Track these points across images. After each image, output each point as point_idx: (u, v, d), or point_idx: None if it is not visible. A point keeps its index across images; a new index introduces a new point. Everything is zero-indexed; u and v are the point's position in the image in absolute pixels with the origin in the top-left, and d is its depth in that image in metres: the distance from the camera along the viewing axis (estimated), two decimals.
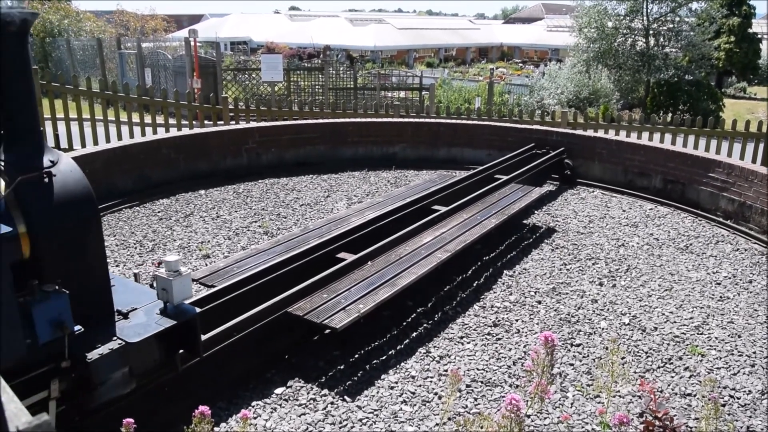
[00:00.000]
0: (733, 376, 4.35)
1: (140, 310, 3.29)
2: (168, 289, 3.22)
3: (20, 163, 2.84)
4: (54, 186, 2.88)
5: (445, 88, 22.93)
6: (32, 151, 2.93)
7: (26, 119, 2.91)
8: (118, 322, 3.16)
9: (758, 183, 7.16)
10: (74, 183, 2.98)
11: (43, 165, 2.90)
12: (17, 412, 0.73)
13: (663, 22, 22.02)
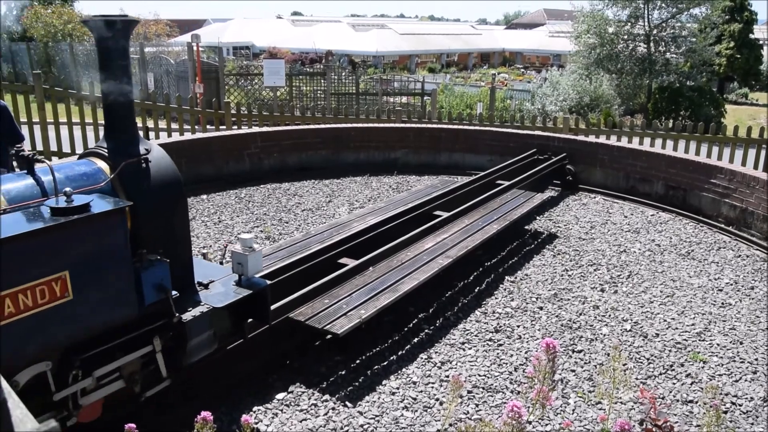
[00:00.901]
0: (735, 383, 4.35)
1: (217, 282, 3.68)
2: (243, 263, 3.63)
3: (121, 150, 3.26)
4: (150, 170, 3.32)
5: (446, 94, 22.95)
6: (130, 140, 3.34)
7: (124, 111, 3.34)
8: (200, 292, 3.55)
9: (760, 189, 7.16)
10: (165, 168, 3.42)
11: (140, 152, 3.32)
12: (23, 418, 0.73)
13: (664, 27, 22.05)
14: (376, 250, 5.27)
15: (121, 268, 2.92)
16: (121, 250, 2.91)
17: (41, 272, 2.58)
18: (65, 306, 2.68)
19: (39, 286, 2.58)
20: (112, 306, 2.92)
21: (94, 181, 3.12)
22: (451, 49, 49.97)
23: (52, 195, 2.86)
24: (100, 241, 2.81)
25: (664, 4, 21.66)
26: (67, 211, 2.68)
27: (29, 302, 2.55)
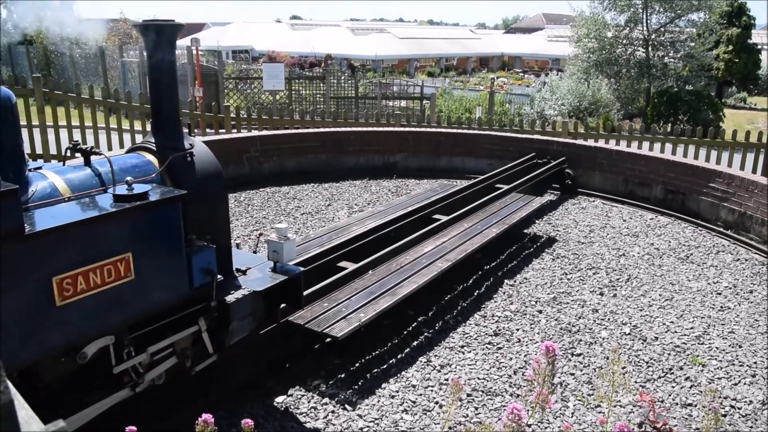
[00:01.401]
0: (734, 387, 4.35)
1: (254, 269, 3.88)
2: (278, 251, 3.86)
3: (167, 145, 3.53)
4: (195, 163, 3.57)
5: (446, 98, 22.97)
6: (175, 135, 3.61)
7: (171, 110, 3.61)
8: (239, 277, 3.76)
9: (758, 193, 7.18)
10: (208, 161, 3.68)
11: (185, 146, 3.58)
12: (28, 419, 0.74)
13: (662, 32, 22.11)
14: (376, 254, 5.28)
15: (175, 251, 3.17)
16: (176, 235, 3.16)
17: (108, 253, 2.82)
18: (128, 285, 2.93)
19: (106, 265, 2.82)
20: (167, 287, 3.16)
21: (145, 172, 3.38)
22: (450, 53, 50.06)
23: (109, 184, 3.15)
24: (157, 226, 3.06)
25: (663, 9, 21.72)
26: (129, 198, 2.94)
27: (98, 280, 2.79)
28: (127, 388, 3.20)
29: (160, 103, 3.59)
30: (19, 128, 2.94)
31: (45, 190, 2.96)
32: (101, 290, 2.81)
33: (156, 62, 3.50)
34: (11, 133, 2.88)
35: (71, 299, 2.70)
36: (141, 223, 2.96)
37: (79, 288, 2.71)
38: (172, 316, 3.33)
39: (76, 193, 3.05)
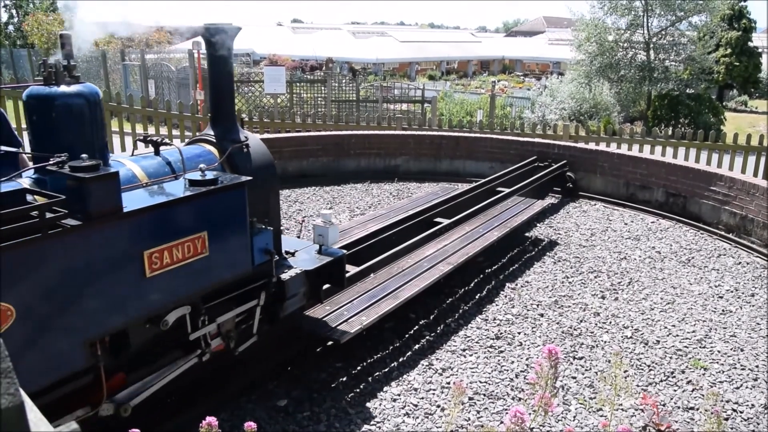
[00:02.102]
0: (736, 390, 4.35)
1: (301, 251, 4.29)
2: (324, 235, 4.30)
3: (226, 137, 3.92)
4: (251, 154, 3.96)
5: (447, 101, 23.01)
6: (232, 128, 3.99)
7: (228, 106, 3.99)
8: (289, 258, 4.15)
9: (760, 196, 7.18)
10: (262, 152, 4.07)
11: (241, 139, 3.96)
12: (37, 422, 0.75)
13: (663, 35, 22.13)
14: (377, 257, 5.28)
15: (241, 232, 3.50)
16: (242, 217, 3.49)
17: (188, 231, 3.15)
18: (203, 261, 3.26)
19: (186, 242, 3.15)
20: (234, 263, 3.49)
21: (207, 161, 3.69)
22: (451, 56, 50.11)
23: (179, 172, 3.53)
24: (227, 208, 3.39)
25: (663, 12, 21.74)
26: (202, 183, 3.27)
27: (180, 255, 3.12)
28: (196, 356, 3.52)
29: (219, 99, 3.97)
30: (104, 120, 3.28)
31: (127, 175, 3.27)
32: (182, 264, 3.14)
33: (215, 62, 3.88)
34: (99, 124, 3.21)
35: (158, 272, 3.02)
36: (213, 206, 3.30)
37: (164, 262, 3.04)
38: (237, 290, 3.65)
39: (152, 179, 3.39)
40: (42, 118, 3.07)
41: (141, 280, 2.95)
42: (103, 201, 2.74)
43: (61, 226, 2.62)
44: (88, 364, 2.84)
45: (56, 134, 3.07)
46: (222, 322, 3.61)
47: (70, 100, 3.06)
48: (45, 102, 3.05)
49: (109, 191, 2.78)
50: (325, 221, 4.33)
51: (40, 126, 3.09)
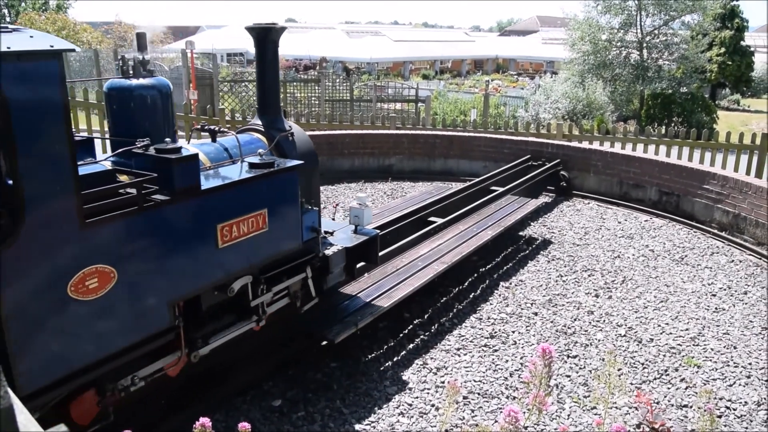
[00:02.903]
0: (729, 388, 4.37)
1: (338, 231, 4.70)
2: (360, 216, 4.73)
3: (272, 126, 4.31)
4: (295, 142, 4.34)
5: (440, 100, 22.99)
6: (277, 119, 4.38)
7: (274, 98, 4.39)
8: (328, 237, 4.54)
9: (752, 195, 7.21)
10: (305, 141, 4.47)
11: (286, 128, 4.34)
12: (27, 423, 0.74)
13: (656, 34, 22.20)
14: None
15: (293, 210, 3.88)
16: (294, 197, 3.87)
17: (252, 208, 3.53)
18: (264, 235, 3.64)
19: (251, 218, 3.53)
20: (287, 239, 3.88)
21: (257, 148, 4.05)
22: (445, 56, 50.10)
23: (235, 157, 3.86)
24: (283, 189, 3.77)
25: (656, 11, 21.80)
26: (262, 165, 3.65)
27: (245, 229, 3.50)
28: (254, 321, 3.87)
29: (266, 92, 4.37)
30: (173, 109, 3.67)
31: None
32: (246, 238, 3.52)
33: (262, 58, 4.27)
34: (169, 113, 3.58)
35: (228, 243, 3.40)
36: (272, 186, 3.67)
37: (233, 234, 3.43)
38: (289, 263, 4.02)
39: (214, 162, 3.72)
40: (121, 108, 3.44)
41: (214, 251, 3.35)
42: (185, 179, 3.13)
43: (153, 201, 3.00)
44: (171, 324, 3.20)
45: (133, 121, 3.43)
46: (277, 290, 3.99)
47: (145, 91, 3.45)
48: (124, 93, 3.43)
49: (191, 171, 3.18)
50: (360, 203, 4.74)
51: (119, 114, 3.46)
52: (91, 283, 2.73)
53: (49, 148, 2.53)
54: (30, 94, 2.45)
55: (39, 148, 2.50)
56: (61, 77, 2.54)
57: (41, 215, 2.52)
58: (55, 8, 30.73)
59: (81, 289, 2.69)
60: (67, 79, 2.61)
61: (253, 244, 3.59)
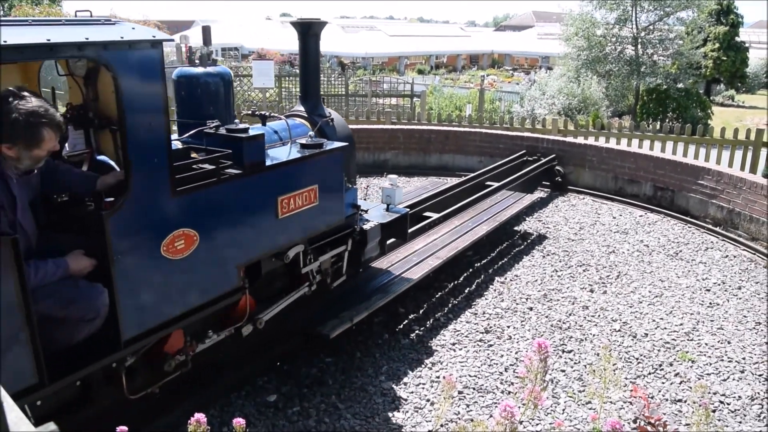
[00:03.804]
0: (723, 382, 4.39)
1: (372, 210, 5.07)
2: (391, 195, 5.15)
3: (314, 112, 4.71)
4: (335, 126, 4.72)
5: (436, 95, 22.94)
6: (317, 105, 4.78)
7: (315, 85, 4.81)
8: (363, 215, 4.88)
9: (747, 190, 7.23)
10: (343, 126, 4.85)
11: (326, 114, 4.74)
12: (17, 421, 0.73)
13: (651, 30, 22.19)
14: None
15: (338, 187, 4.22)
16: (339, 175, 4.24)
17: (306, 183, 3.89)
18: (314, 209, 4.00)
19: (304, 192, 3.89)
20: (333, 213, 4.23)
21: (303, 132, 4.41)
22: (440, 51, 50.04)
23: (285, 139, 4.23)
24: (330, 168, 4.11)
25: (652, 7, 21.79)
26: (312, 146, 4.02)
27: (300, 203, 3.86)
28: (306, 287, 4.26)
29: (308, 81, 4.77)
30: (233, 94, 4.02)
31: None
32: (301, 210, 3.88)
33: (305, 50, 4.65)
34: (230, 98, 3.97)
35: (286, 215, 3.76)
36: (321, 165, 4.02)
37: (290, 207, 3.79)
38: (333, 236, 4.39)
39: (267, 144, 3.89)
40: (189, 93, 3.80)
41: (274, 220, 3.71)
42: (253, 155, 3.51)
43: (228, 174, 3.35)
44: (238, 285, 3.53)
45: (200, 105, 3.82)
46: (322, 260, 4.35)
47: (211, 78, 3.84)
48: (191, 80, 3.81)
49: (258, 148, 3.56)
50: (392, 184, 5.17)
51: (186, 99, 3.81)
52: (179, 244, 3.10)
53: (150, 126, 2.86)
54: (136, 79, 2.78)
55: (142, 126, 2.83)
56: (162, 64, 2.87)
57: (143, 184, 2.88)
58: (49, 2, 30.52)
59: (171, 249, 3.06)
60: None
61: (306, 217, 3.95)
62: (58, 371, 2.72)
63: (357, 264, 4.84)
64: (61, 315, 2.77)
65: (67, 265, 2.79)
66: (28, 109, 2.61)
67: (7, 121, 2.58)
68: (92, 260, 2.89)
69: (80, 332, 2.86)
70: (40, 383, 2.61)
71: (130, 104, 2.75)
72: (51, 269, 2.72)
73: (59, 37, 2.54)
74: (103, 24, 2.83)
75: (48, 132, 2.67)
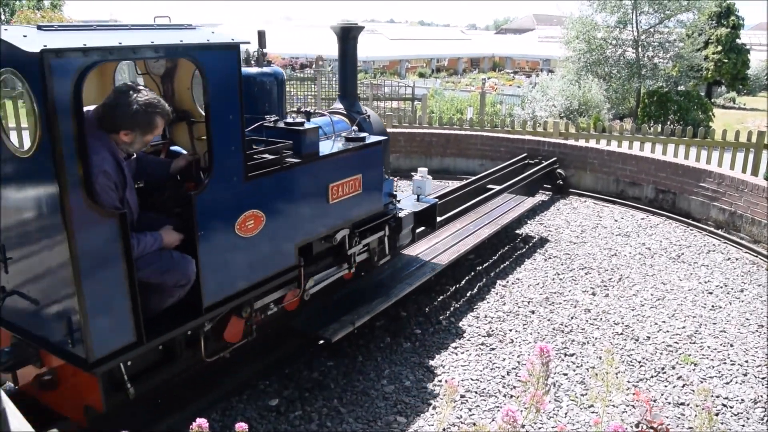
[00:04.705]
0: (726, 385, 4.37)
1: (404, 199, 5.41)
2: (422, 186, 5.51)
3: (352, 109, 5.08)
4: (372, 122, 5.05)
5: (437, 99, 22.94)
6: (355, 103, 5.17)
7: (352, 85, 5.18)
8: (397, 204, 5.19)
9: (749, 192, 7.22)
10: (378, 122, 5.21)
11: (362, 111, 5.11)
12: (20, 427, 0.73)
13: (652, 33, 22.20)
14: None
15: (378, 178, 4.63)
16: (380, 166, 4.64)
17: (351, 173, 4.29)
18: (358, 196, 4.42)
19: (350, 181, 4.29)
20: (374, 201, 4.65)
21: (344, 127, 4.80)
22: (441, 54, 50.06)
23: (329, 134, 4.53)
24: (371, 159, 4.50)
25: (652, 10, 21.80)
26: (356, 139, 4.42)
27: (347, 190, 4.28)
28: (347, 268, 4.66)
29: (346, 81, 5.14)
30: (285, 92, 4.33)
31: None
32: (348, 197, 4.28)
33: (344, 52, 5.02)
34: (283, 95, 4.27)
35: (335, 200, 4.17)
36: (364, 156, 4.42)
37: (339, 193, 4.19)
38: (373, 222, 4.74)
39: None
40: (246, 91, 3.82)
41: (326, 205, 4.11)
42: (310, 146, 3.92)
43: (289, 162, 3.75)
44: (295, 263, 3.92)
45: (256, 102, 4.08)
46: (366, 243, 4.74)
47: (266, 77, 4.17)
48: (249, 79, 4.01)
49: (314, 140, 3.96)
50: (422, 176, 5.53)
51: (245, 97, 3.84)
52: (250, 223, 3.48)
53: (229, 118, 3.24)
54: (220, 77, 3.15)
55: (223, 118, 3.21)
56: (239, 64, 3.25)
57: (222, 168, 3.26)
58: (50, 6, 30.61)
59: (243, 228, 3.44)
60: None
61: (352, 203, 4.35)
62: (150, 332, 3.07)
63: (392, 249, 5.20)
64: (157, 281, 3.17)
65: (162, 238, 3.19)
66: (146, 101, 3.02)
67: (129, 111, 2.97)
68: (180, 235, 3.28)
69: (172, 297, 3.25)
70: (138, 341, 2.98)
71: (215, 98, 3.12)
72: (150, 241, 3.11)
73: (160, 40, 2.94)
74: (186, 29, 3.27)
75: (160, 120, 3.11)
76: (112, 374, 3.07)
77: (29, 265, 2.92)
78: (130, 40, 2.81)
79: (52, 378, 3.15)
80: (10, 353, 3.12)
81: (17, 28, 2.66)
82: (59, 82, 2.51)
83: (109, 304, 2.82)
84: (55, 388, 3.18)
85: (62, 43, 2.56)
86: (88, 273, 2.71)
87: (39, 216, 2.76)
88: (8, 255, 2.95)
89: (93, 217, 2.71)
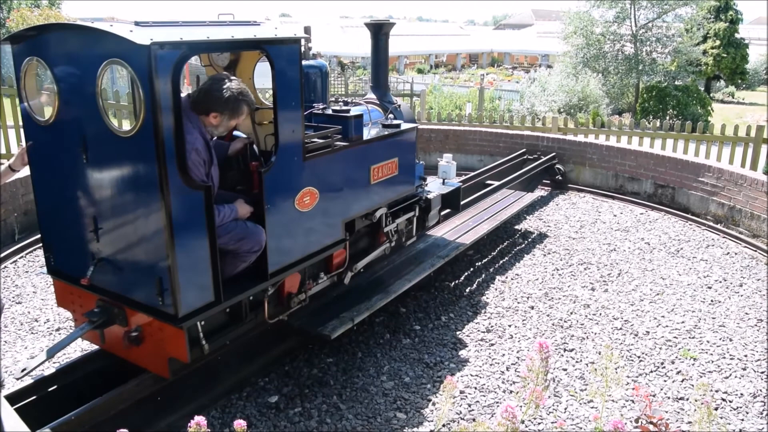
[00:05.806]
0: (725, 380, 4.38)
1: (430, 183, 5.75)
2: (447, 171, 5.97)
3: (384, 99, 5.40)
4: (402, 111, 5.41)
5: (435, 94, 22.92)
6: (387, 93, 5.50)
7: (384, 76, 5.51)
8: (424, 187, 5.59)
9: (747, 187, 7.22)
10: (407, 111, 5.54)
11: (393, 101, 5.46)
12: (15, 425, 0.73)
13: (650, 27, 22.16)
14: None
15: (411, 161, 4.99)
16: (413, 150, 5.00)
17: (389, 156, 4.66)
18: (395, 177, 4.78)
19: (388, 164, 4.66)
20: (407, 183, 5.02)
21: (379, 116, 5.13)
22: (440, 50, 49.98)
23: (366, 121, 4.70)
24: (405, 144, 4.87)
25: (650, 4, 21.77)
26: (392, 126, 4.81)
27: (386, 172, 4.64)
28: (385, 245, 5.11)
29: (379, 73, 5.47)
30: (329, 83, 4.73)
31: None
32: (386, 178, 4.64)
33: (377, 47, 5.35)
34: (327, 86, 4.71)
35: (376, 181, 4.55)
36: (399, 142, 4.77)
37: (379, 174, 4.55)
38: (405, 203, 5.16)
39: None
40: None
41: (368, 185, 4.48)
42: (356, 130, 4.31)
43: (338, 145, 4.09)
44: (342, 237, 4.28)
45: (306, 92, 4.31)
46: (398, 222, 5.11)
47: (312, 69, 4.63)
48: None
49: (359, 125, 4.35)
50: (447, 161, 5.98)
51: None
52: (306, 199, 3.83)
53: (292, 104, 3.57)
54: (284, 67, 3.50)
55: (287, 104, 3.54)
56: (300, 57, 3.59)
57: (286, 149, 3.60)
58: (48, 4, 30.51)
59: (301, 203, 3.80)
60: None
61: (389, 184, 4.71)
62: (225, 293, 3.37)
63: (421, 228, 5.61)
64: (233, 248, 3.49)
65: (237, 210, 3.52)
66: (238, 89, 3.39)
67: (222, 96, 3.34)
68: (251, 207, 3.59)
69: (245, 262, 3.57)
70: (216, 300, 3.29)
71: (281, 86, 3.46)
72: (227, 212, 3.45)
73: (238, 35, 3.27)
74: (252, 25, 3.60)
75: (246, 108, 3.48)
76: (189, 332, 3.30)
77: (121, 234, 3.22)
78: (215, 35, 3.16)
79: (138, 335, 3.36)
80: (100, 313, 3.40)
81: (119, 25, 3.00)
82: (162, 71, 2.83)
83: (195, 267, 3.14)
84: (140, 344, 3.39)
85: (164, 36, 2.87)
86: (179, 238, 3.03)
87: (135, 189, 3.07)
88: (100, 226, 3.27)
89: (185, 189, 3.04)
